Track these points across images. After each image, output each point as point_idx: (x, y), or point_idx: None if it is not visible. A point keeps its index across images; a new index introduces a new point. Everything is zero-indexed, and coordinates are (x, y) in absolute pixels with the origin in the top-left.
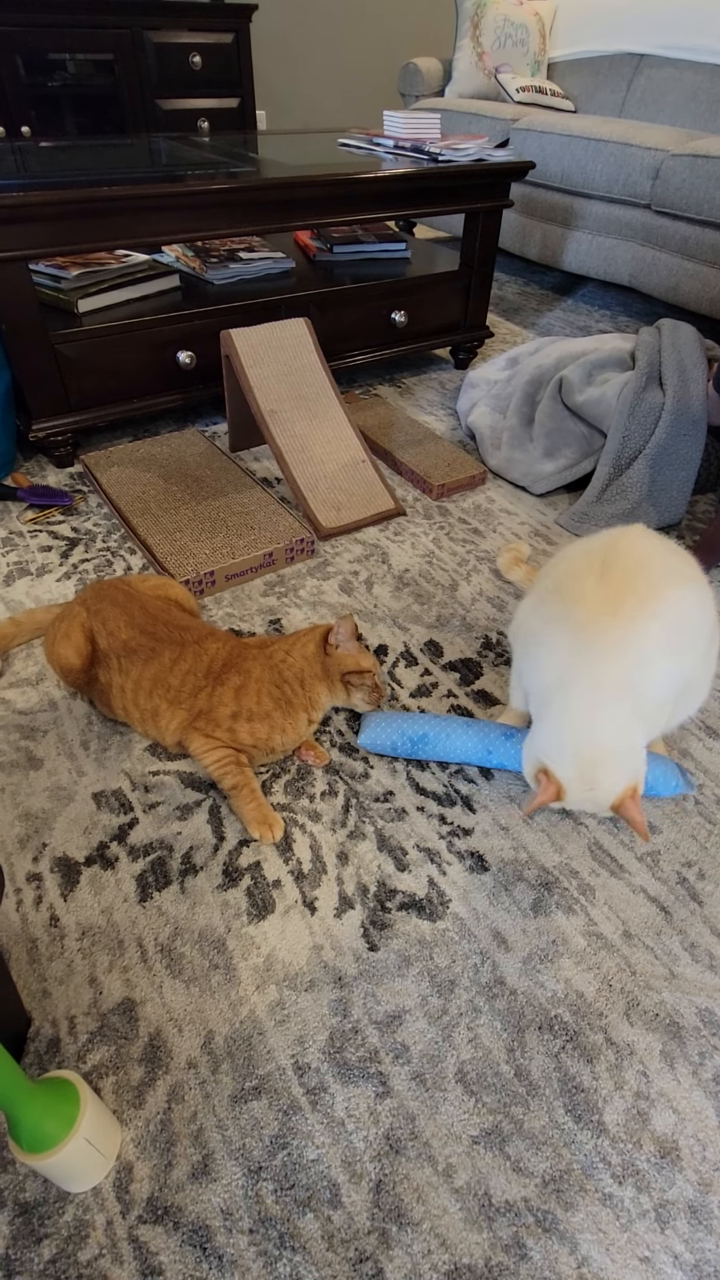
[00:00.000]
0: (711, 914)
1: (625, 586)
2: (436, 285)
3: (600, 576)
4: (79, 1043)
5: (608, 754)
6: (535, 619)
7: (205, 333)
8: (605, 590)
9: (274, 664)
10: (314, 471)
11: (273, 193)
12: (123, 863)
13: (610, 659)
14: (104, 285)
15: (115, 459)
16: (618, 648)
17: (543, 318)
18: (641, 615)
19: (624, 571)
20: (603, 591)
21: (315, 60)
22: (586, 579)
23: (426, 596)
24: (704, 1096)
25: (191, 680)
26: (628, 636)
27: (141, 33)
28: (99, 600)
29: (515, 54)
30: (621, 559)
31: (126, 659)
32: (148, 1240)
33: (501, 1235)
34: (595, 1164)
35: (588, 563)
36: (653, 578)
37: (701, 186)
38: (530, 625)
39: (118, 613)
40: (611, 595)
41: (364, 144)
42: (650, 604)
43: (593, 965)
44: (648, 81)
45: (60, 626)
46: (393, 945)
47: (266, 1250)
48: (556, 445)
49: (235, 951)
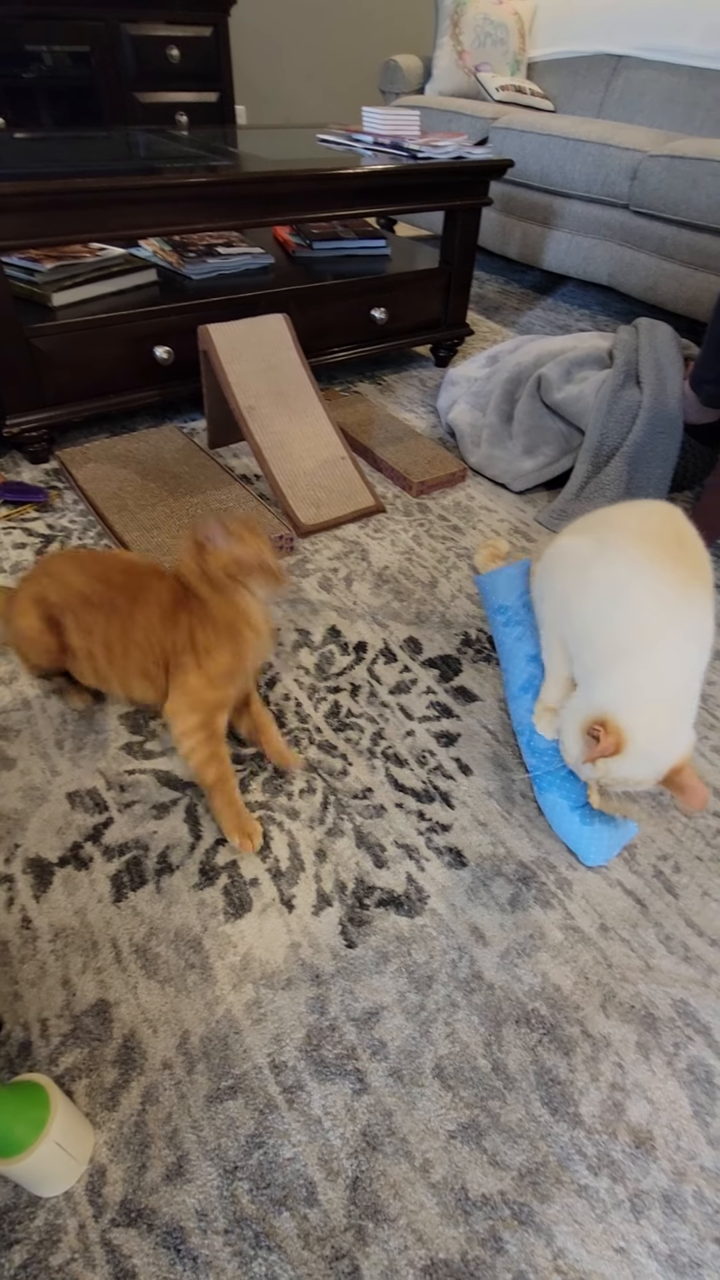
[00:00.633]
0: (686, 906)
1: (701, 559)
2: (417, 282)
3: (680, 543)
4: (51, 1045)
5: (682, 711)
6: (610, 558)
7: (183, 328)
8: (690, 557)
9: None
10: (293, 468)
11: (251, 187)
12: (97, 863)
13: (697, 621)
14: (79, 279)
15: (92, 455)
16: (703, 613)
17: (523, 316)
18: (710, 587)
19: (697, 546)
20: (688, 558)
21: (295, 55)
22: (667, 542)
23: (406, 593)
24: (678, 1086)
25: (155, 635)
26: (708, 605)
27: (118, 25)
28: (47, 564)
29: (495, 53)
30: (690, 534)
31: (86, 613)
32: (121, 1243)
33: (478, 1229)
34: (571, 1156)
35: (660, 528)
36: (708, 561)
37: (678, 187)
38: (594, 578)
39: (68, 564)
40: (696, 564)
41: (343, 140)
42: (712, 580)
43: (570, 959)
44: (626, 82)
45: (13, 602)
46: (371, 942)
47: (242, 1250)
48: (536, 443)
49: (212, 951)
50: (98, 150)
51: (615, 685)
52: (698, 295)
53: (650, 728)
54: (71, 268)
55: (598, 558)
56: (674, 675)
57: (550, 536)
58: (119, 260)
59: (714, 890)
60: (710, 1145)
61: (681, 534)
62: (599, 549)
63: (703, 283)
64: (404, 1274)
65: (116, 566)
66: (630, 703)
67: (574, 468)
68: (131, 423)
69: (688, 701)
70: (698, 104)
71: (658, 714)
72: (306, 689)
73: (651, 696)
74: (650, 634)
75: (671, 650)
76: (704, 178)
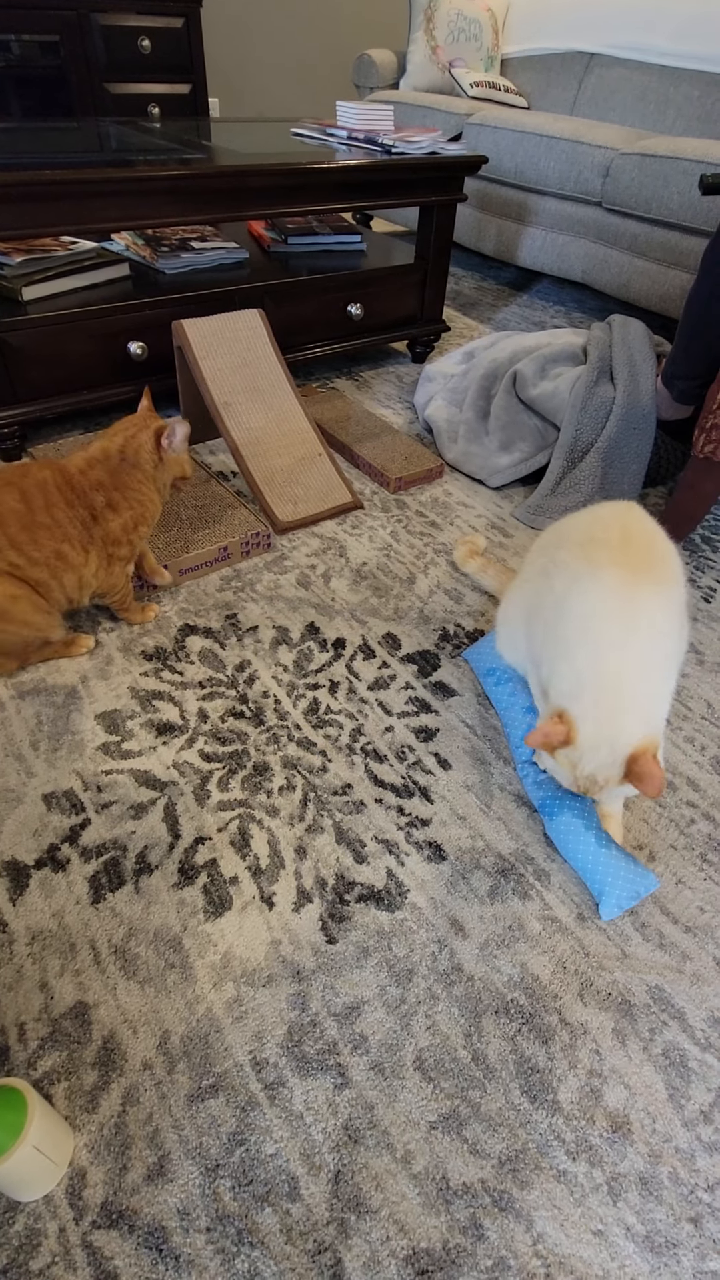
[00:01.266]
0: (661, 894)
1: (650, 555)
2: (393, 278)
3: (623, 542)
4: (29, 1049)
5: (631, 701)
6: (553, 581)
7: (157, 323)
8: (631, 553)
9: (111, 465)
10: (270, 465)
11: (225, 181)
12: (74, 864)
13: (644, 614)
14: (50, 273)
15: (65, 452)
16: (651, 606)
17: (499, 312)
18: (665, 582)
19: (645, 542)
20: (629, 554)
21: (269, 48)
22: (609, 543)
23: (384, 589)
24: (654, 1071)
25: (74, 513)
26: (657, 598)
27: (88, 14)
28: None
29: (469, 49)
30: (639, 530)
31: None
32: (102, 1245)
33: (459, 1217)
34: (550, 1142)
35: (605, 531)
36: (666, 557)
37: (649, 185)
38: (546, 591)
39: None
40: (638, 558)
41: (317, 134)
42: (670, 576)
43: (548, 948)
44: (598, 80)
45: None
46: (351, 937)
47: (224, 1247)
48: (512, 439)
49: (192, 950)
50: (68, 142)
51: (563, 680)
52: (670, 292)
53: (596, 715)
54: (42, 261)
55: (546, 581)
56: (617, 666)
57: (527, 531)
58: (91, 254)
59: (688, 878)
60: (685, 1127)
61: (629, 533)
62: (549, 571)
63: (674, 280)
64: (386, 1264)
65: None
66: (575, 694)
67: (549, 463)
68: (106, 419)
69: (639, 691)
70: (669, 102)
71: (603, 703)
72: (285, 686)
73: (596, 686)
74: (590, 629)
75: (612, 643)
76: (675, 176)
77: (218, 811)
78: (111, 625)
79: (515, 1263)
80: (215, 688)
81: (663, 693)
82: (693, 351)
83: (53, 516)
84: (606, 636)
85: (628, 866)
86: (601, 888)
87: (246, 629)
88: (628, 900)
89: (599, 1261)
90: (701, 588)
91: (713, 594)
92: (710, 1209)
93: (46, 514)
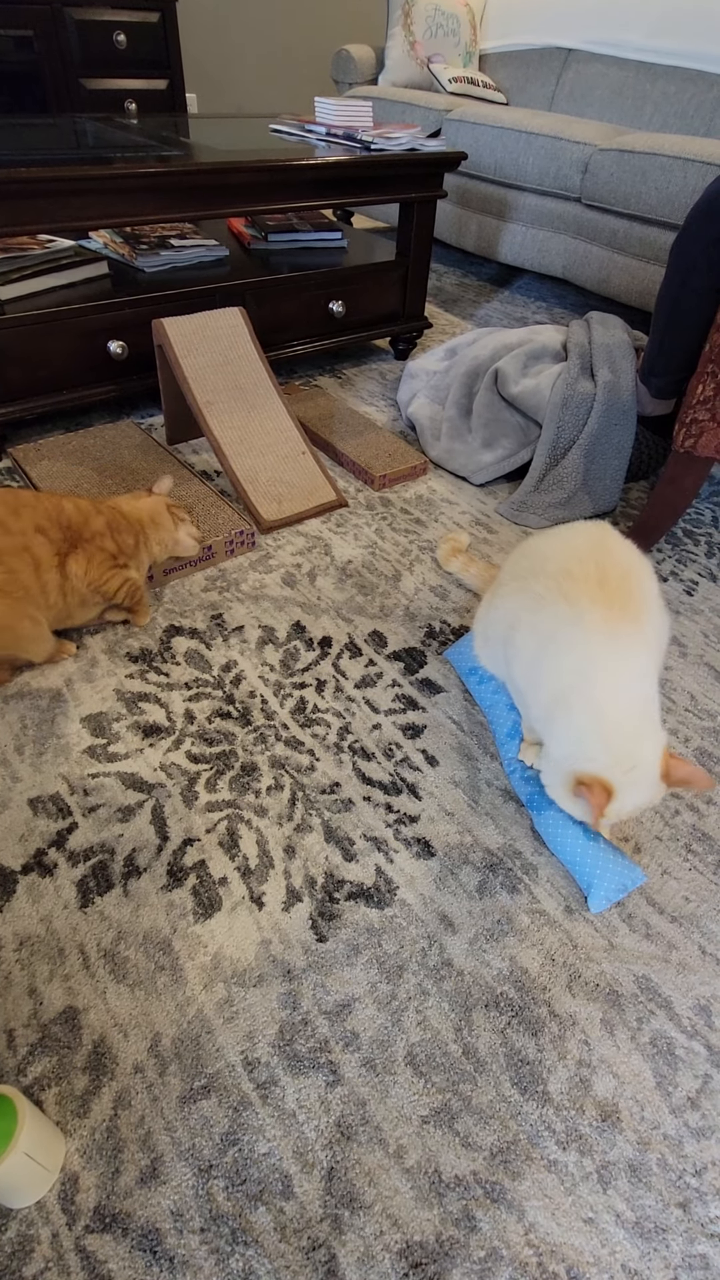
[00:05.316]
0: (647, 885)
1: (625, 591)
2: (374, 275)
3: (600, 581)
4: (19, 1056)
5: (636, 729)
6: (535, 617)
7: (137, 322)
8: (609, 594)
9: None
10: (254, 463)
11: (203, 178)
12: (62, 869)
13: (627, 653)
14: (27, 271)
15: (46, 452)
16: (633, 644)
17: (480, 309)
18: (643, 616)
19: (620, 576)
20: (608, 595)
21: (247, 43)
22: (586, 579)
23: (370, 587)
24: (642, 1060)
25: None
26: (638, 635)
27: (62, 9)
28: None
29: (447, 44)
30: (614, 561)
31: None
32: (95, 1249)
33: (451, 1210)
34: (540, 1132)
35: (582, 566)
36: (642, 585)
37: (628, 181)
38: (527, 626)
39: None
40: (617, 598)
41: (296, 130)
42: (646, 608)
43: (536, 941)
44: (576, 76)
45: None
46: (341, 935)
47: (218, 1247)
48: (494, 436)
49: (181, 952)
50: (43, 138)
51: (569, 743)
52: (648, 287)
53: (618, 765)
54: (18, 260)
55: (525, 613)
56: (620, 716)
57: (511, 528)
58: (68, 252)
59: (673, 869)
60: (673, 1114)
61: (604, 567)
62: (526, 603)
63: (654, 275)
64: (380, 1259)
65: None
66: (590, 755)
67: (532, 460)
68: (87, 419)
69: (643, 722)
70: (646, 98)
71: (620, 752)
72: (272, 685)
73: (607, 744)
74: (586, 689)
75: (611, 698)
76: (653, 172)
77: (206, 812)
78: (96, 628)
79: (508, 1253)
80: (201, 688)
81: (656, 701)
82: (667, 347)
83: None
84: (604, 693)
85: (615, 860)
86: (590, 881)
87: (232, 629)
88: (615, 893)
89: (590, 1249)
90: (684, 581)
91: (694, 587)
92: (698, 1193)
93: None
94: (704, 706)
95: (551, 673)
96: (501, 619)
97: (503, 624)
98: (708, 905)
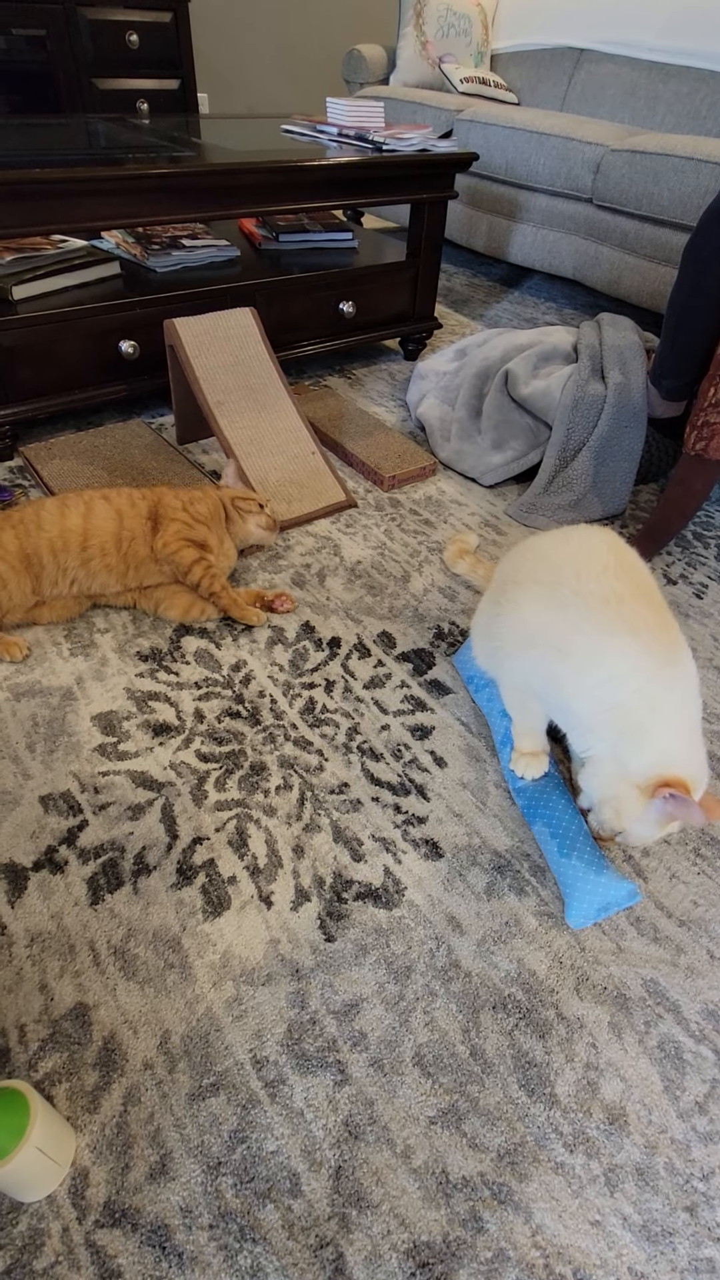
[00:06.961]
0: (655, 889)
1: (662, 611)
2: (384, 276)
3: (648, 600)
4: (30, 1051)
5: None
6: (561, 651)
7: (148, 322)
8: (628, 605)
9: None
10: (264, 464)
11: (215, 178)
12: (73, 866)
13: (683, 675)
14: (40, 271)
15: (57, 451)
16: (685, 663)
17: (490, 309)
18: (667, 618)
19: (650, 594)
20: (655, 616)
21: (258, 43)
22: (605, 599)
23: (379, 588)
24: (649, 1063)
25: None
26: (675, 639)
27: (75, 9)
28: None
29: (459, 44)
30: (639, 579)
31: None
32: (105, 1244)
33: (459, 1210)
34: (548, 1135)
35: (613, 587)
36: (650, 588)
37: (639, 182)
38: (549, 659)
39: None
40: (660, 621)
41: (308, 131)
42: (661, 605)
43: (544, 944)
44: (588, 76)
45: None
46: (349, 935)
47: (227, 1244)
48: (504, 437)
49: (191, 950)
50: (56, 139)
51: (646, 754)
52: (659, 289)
53: (701, 771)
54: (31, 260)
55: (559, 622)
56: (688, 723)
57: (520, 529)
58: (81, 252)
59: (681, 873)
60: (680, 1118)
61: (641, 584)
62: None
63: (665, 277)
64: (387, 1258)
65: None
66: (669, 762)
67: (542, 462)
68: (98, 418)
69: (697, 721)
70: (658, 98)
71: (692, 752)
72: (281, 685)
73: (680, 749)
74: (655, 703)
75: (675, 710)
76: (665, 173)
77: (215, 811)
78: (106, 626)
79: (514, 1254)
80: (211, 688)
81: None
82: (678, 349)
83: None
84: (670, 707)
85: (594, 878)
86: (568, 896)
87: (242, 629)
88: (594, 912)
89: (597, 1251)
90: (693, 584)
91: (704, 590)
92: (705, 1198)
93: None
94: (714, 710)
95: (614, 708)
96: (522, 623)
97: (522, 628)
98: (716, 910)
